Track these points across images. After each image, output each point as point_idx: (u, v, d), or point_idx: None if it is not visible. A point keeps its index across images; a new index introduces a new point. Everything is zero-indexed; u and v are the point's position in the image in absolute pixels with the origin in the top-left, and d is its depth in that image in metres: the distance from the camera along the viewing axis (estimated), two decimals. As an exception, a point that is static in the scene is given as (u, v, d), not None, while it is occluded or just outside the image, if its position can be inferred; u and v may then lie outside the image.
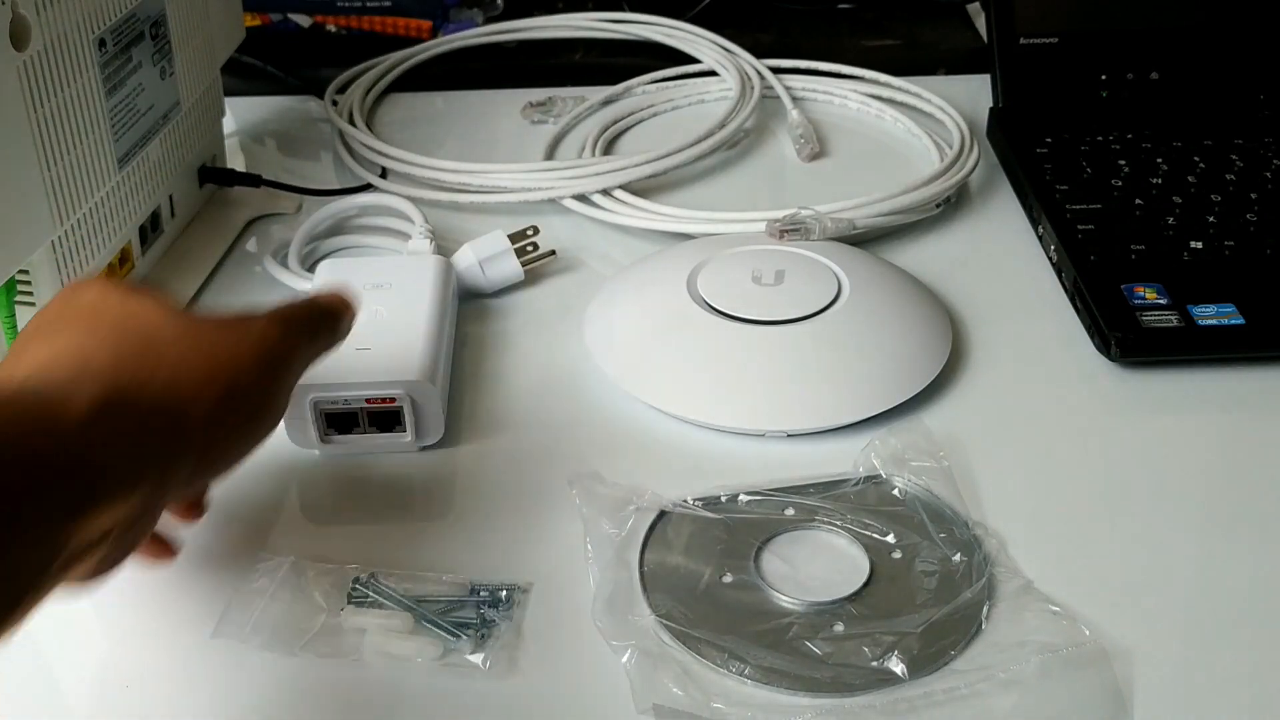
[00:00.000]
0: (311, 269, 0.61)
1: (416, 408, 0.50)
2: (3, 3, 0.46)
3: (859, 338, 0.55)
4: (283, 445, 0.50)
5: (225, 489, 0.49)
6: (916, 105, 0.80)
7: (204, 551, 0.47)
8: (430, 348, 0.51)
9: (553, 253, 0.63)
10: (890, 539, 0.46)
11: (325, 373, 0.46)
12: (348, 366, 0.49)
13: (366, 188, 0.71)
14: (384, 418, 0.50)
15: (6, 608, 0.31)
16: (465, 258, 0.61)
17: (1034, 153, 0.70)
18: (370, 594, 0.44)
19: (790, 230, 0.61)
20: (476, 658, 0.42)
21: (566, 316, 0.60)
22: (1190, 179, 0.67)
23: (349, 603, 0.43)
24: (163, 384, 0.37)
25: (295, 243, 0.64)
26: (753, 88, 0.79)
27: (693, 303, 0.56)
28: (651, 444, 0.52)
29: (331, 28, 0.89)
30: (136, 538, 0.38)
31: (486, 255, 0.61)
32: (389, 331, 0.52)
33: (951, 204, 0.70)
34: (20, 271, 0.51)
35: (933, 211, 0.68)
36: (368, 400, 0.49)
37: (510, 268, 0.61)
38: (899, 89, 0.81)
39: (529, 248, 0.62)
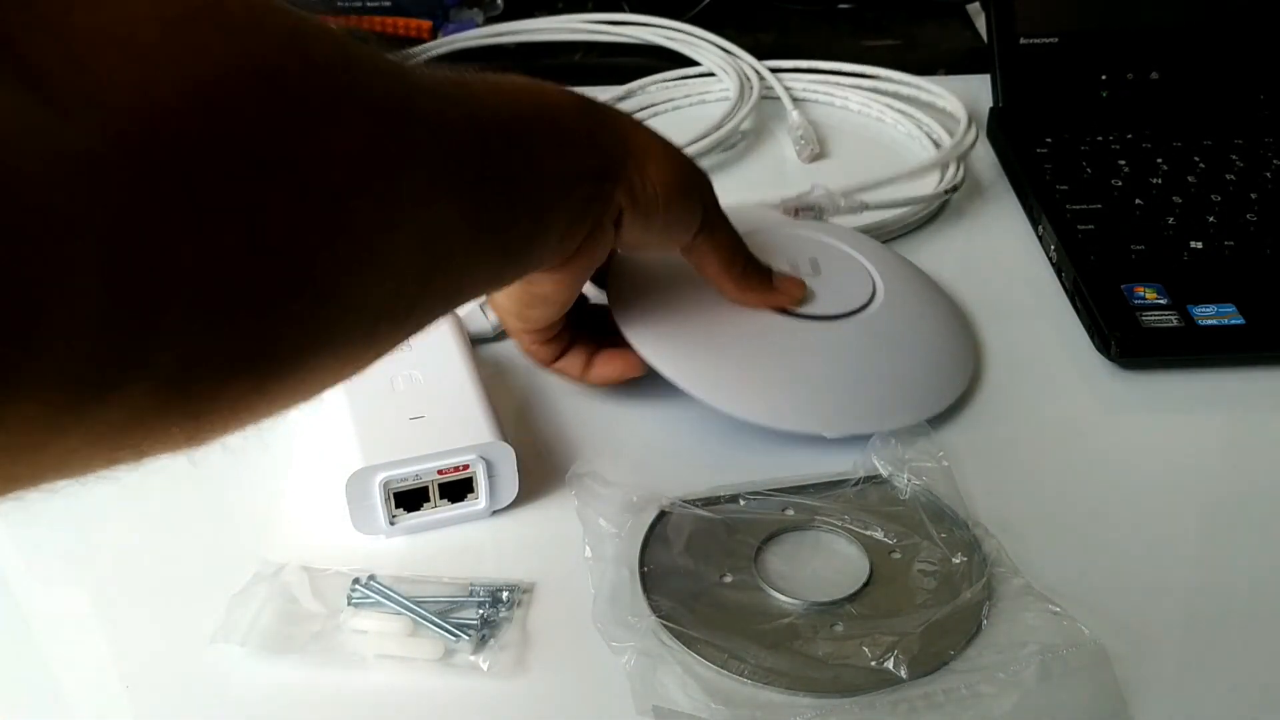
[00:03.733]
0: None
1: (491, 470, 0.47)
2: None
3: (900, 340, 0.54)
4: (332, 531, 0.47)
5: (226, 492, 0.49)
6: (917, 96, 0.80)
7: (205, 553, 0.47)
8: (486, 405, 0.49)
9: None
10: (890, 539, 0.46)
11: (387, 449, 0.45)
12: (410, 438, 0.46)
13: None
14: (454, 488, 0.47)
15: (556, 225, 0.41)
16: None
17: (1034, 153, 0.70)
18: (370, 595, 0.44)
19: (804, 209, 0.61)
20: (477, 658, 0.42)
21: (566, 317, 0.60)
22: (1190, 179, 0.67)
23: (349, 604, 0.43)
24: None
25: None
26: (752, 88, 0.79)
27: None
28: (652, 444, 0.52)
29: (331, 28, 0.89)
30: (596, 238, 0.43)
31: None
32: (435, 396, 0.49)
33: (958, 192, 0.69)
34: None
35: (941, 199, 0.68)
36: (439, 471, 0.46)
37: None
38: (900, 83, 0.81)
39: None
